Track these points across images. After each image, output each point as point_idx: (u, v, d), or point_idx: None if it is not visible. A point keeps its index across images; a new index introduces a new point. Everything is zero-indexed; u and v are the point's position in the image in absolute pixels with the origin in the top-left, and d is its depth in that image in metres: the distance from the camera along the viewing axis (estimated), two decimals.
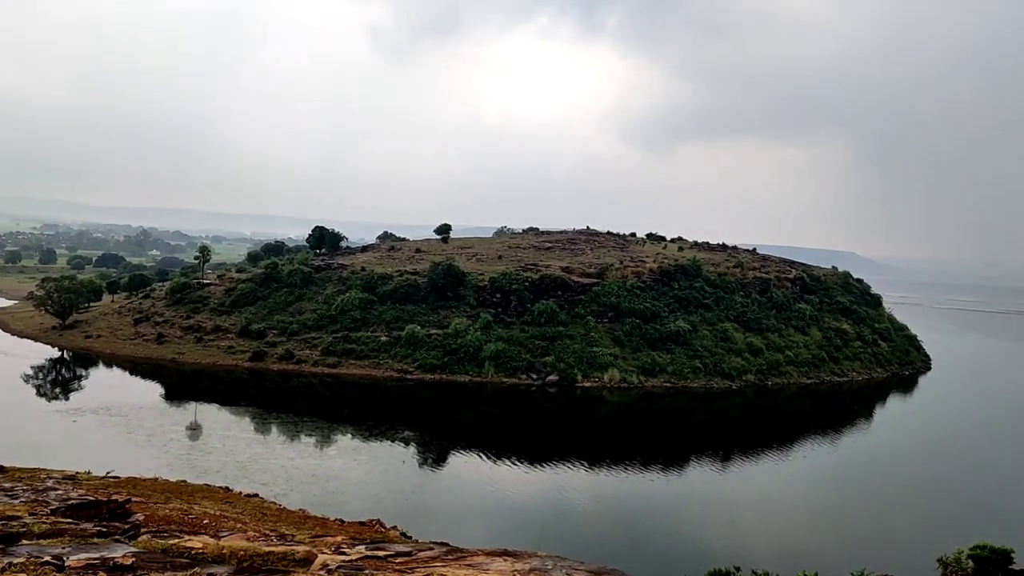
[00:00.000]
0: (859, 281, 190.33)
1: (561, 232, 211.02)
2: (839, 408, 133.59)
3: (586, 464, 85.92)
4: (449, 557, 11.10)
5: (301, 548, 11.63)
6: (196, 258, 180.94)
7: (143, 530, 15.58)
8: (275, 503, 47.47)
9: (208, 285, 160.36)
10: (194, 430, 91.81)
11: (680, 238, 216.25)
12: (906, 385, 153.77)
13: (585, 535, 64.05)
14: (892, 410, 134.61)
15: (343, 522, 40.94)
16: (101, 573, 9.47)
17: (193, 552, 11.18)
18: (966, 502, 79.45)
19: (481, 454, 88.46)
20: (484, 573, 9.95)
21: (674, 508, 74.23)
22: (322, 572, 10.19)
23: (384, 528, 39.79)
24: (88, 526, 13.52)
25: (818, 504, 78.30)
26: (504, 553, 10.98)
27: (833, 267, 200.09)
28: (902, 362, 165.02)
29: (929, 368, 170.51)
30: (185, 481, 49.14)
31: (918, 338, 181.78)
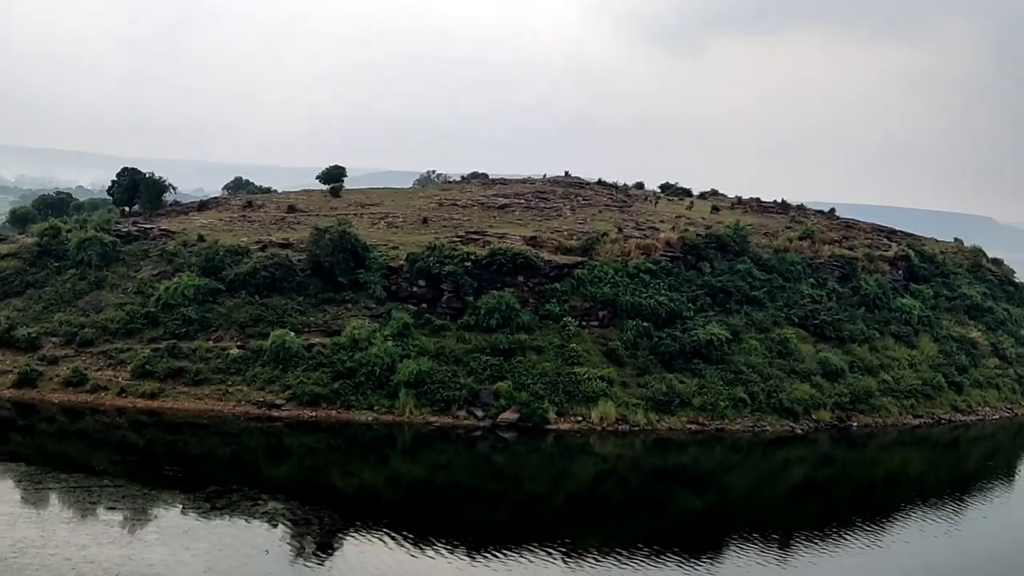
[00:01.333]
0: (997, 263, 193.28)
1: (525, 181, 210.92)
2: (964, 463, 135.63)
3: (563, 556, 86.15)
4: None
5: None
6: None
7: None
8: None
9: None
10: None
11: (715, 192, 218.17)
12: None
13: None
14: None
15: None
16: None
17: None
18: None
19: (395, 539, 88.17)
20: None
21: None
22: None
23: None
24: None
25: None
26: None
27: (957, 240, 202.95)
28: None
29: None
30: None
31: None
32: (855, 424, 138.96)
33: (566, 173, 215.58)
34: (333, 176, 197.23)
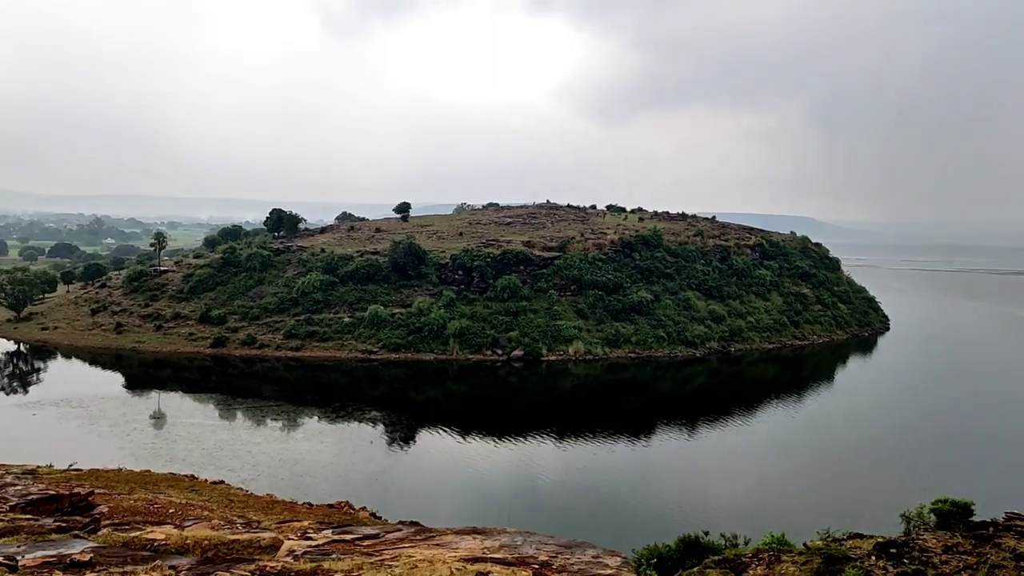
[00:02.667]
0: (817, 245, 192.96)
1: (521, 207, 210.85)
2: (801, 371, 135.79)
3: (554, 437, 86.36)
4: (417, 537, 10.98)
5: (267, 535, 11.43)
6: (152, 245, 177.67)
7: (105, 523, 15.25)
8: (242, 489, 47.06)
9: (165, 272, 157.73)
10: (157, 419, 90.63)
11: (640, 209, 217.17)
12: (866, 346, 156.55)
13: (554, 507, 64.48)
14: (852, 371, 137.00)
15: (311, 505, 40.70)
16: (57, 572, 9.19)
17: (155, 544, 10.92)
18: (927, 458, 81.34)
19: (449, 431, 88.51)
20: (453, 551, 9.85)
21: (642, 477, 74.93)
22: (288, 558, 10.02)
23: (353, 510, 39.62)
24: (48, 521, 13.18)
25: (783, 467, 79.57)
26: (473, 531, 10.89)
27: (792, 232, 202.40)
28: (861, 324, 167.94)
29: (888, 329, 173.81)
30: (149, 471, 48.46)
31: (876, 300, 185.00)
32: (733, 349, 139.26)
33: (547, 201, 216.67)
34: (403, 208, 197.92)
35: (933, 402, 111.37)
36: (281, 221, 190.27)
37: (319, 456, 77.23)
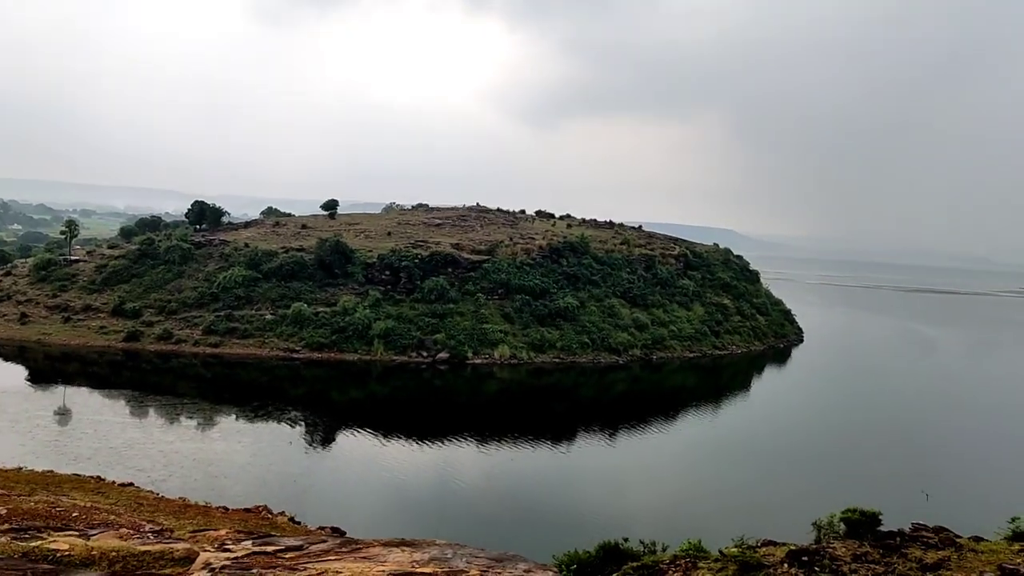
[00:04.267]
0: (739, 257, 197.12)
1: (451, 209, 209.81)
2: (719, 380, 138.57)
3: (477, 442, 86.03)
4: (343, 550, 10.52)
5: (180, 546, 10.79)
6: (62, 233, 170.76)
7: (3, 527, 14.35)
8: (152, 492, 45.45)
9: (77, 262, 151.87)
10: (63, 415, 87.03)
11: (568, 215, 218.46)
12: (781, 357, 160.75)
13: (477, 514, 64.15)
14: (768, 381, 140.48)
15: (227, 509, 39.50)
16: None
17: (58, 555, 10.20)
18: (838, 467, 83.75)
19: (370, 433, 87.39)
20: (381, 566, 9.43)
21: (564, 483, 75.21)
22: (204, 572, 9.46)
23: (272, 514, 38.59)
24: None
25: (701, 474, 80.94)
26: (401, 543, 10.49)
27: (715, 244, 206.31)
28: (777, 335, 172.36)
29: (802, 340, 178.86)
30: (52, 471, 46.44)
31: (792, 312, 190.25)
32: (655, 357, 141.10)
33: (477, 204, 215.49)
34: (330, 205, 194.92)
35: (843, 412, 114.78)
36: (203, 214, 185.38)
37: (235, 456, 75.23)
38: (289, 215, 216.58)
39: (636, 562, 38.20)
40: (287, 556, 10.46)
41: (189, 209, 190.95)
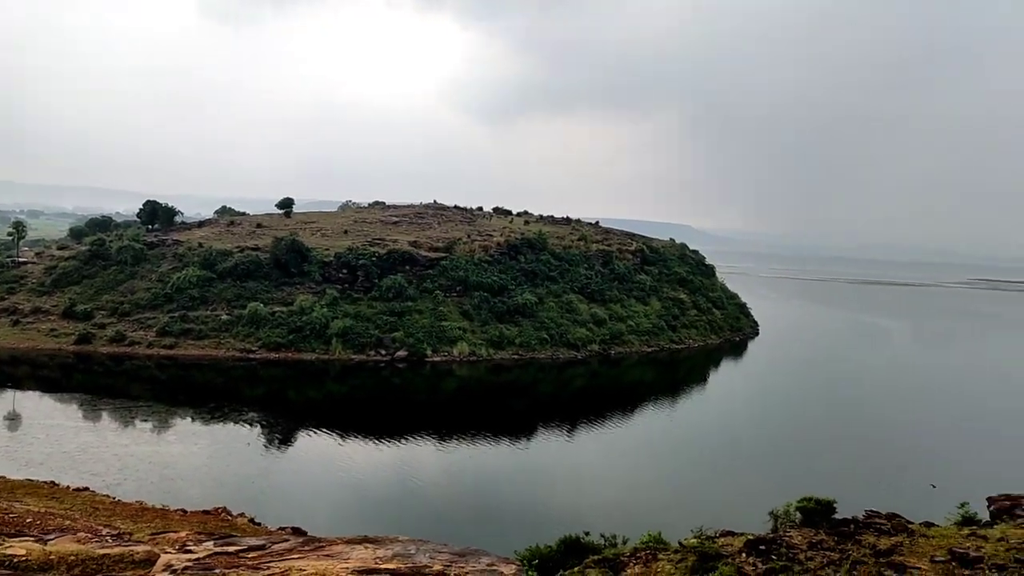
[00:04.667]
0: (695, 252, 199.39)
1: (408, 206, 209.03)
2: (677, 374, 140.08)
3: (437, 440, 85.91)
4: (306, 548, 10.52)
5: (140, 548, 10.71)
6: (9, 234, 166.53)
7: None
8: (108, 496, 44.68)
9: (25, 263, 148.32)
10: (12, 420, 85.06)
11: (526, 212, 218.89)
12: (737, 350, 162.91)
13: (439, 511, 64.10)
14: (725, 374, 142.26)
15: (185, 512, 39.01)
16: None
17: (15, 560, 10.07)
18: (794, 457, 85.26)
19: (329, 433, 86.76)
20: (344, 563, 9.48)
21: (524, 479, 75.45)
22: (165, 574, 9.41)
23: (231, 516, 38.21)
24: None
25: (660, 467, 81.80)
26: (364, 540, 10.52)
27: (671, 239, 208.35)
28: (733, 328, 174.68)
29: (757, 333, 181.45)
30: (4, 477, 45.39)
31: (747, 306, 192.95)
32: (613, 352, 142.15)
33: (434, 201, 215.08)
34: (286, 204, 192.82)
35: (799, 404, 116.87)
36: (156, 213, 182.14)
37: (192, 459, 74.22)
38: (244, 214, 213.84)
39: (597, 555, 38.63)
40: (250, 556, 10.44)
41: (141, 209, 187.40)
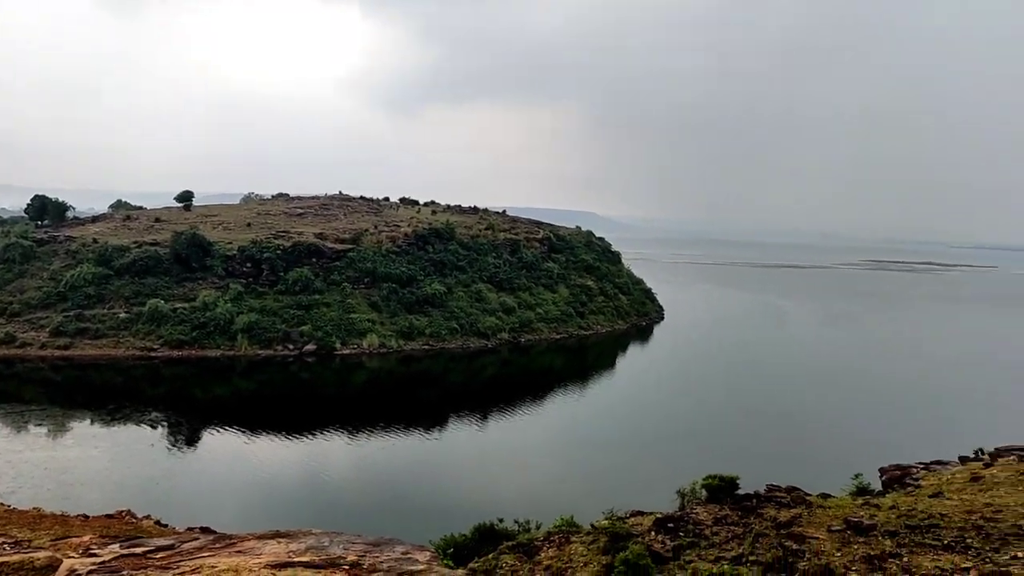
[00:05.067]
0: (601, 239, 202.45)
1: (313, 198, 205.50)
2: (586, 360, 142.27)
3: (348, 433, 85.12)
4: (217, 545, 10.36)
5: (42, 554, 10.33)
6: None
7: None
8: (1, 504, 42.65)
9: None
10: None
11: (433, 202, 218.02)
12: (644, 335, 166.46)
13: (352, 505, 63.61)
14: (632, 359, 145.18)
15: (87, 517, 37.59)
16: None
17: None
18: (702, 438, 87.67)
19: (238, 431, 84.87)
20: (257, 558, 9.38)
21: (437, 469, 75.53)
22: None
23: (136, 519, 37.03)
24: None
25: (572, 452, 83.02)
26: (276, 535, 10.43)
27: (577, 226, 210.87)
28: (640, 313, 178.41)
29: (663, 318, 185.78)
30: None
31: (653, 291, 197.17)
32: (523, 340, 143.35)
33: (340, 192, 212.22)
34: (185, 197, 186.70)
35: (703, 385, 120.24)
36: (45, 209, 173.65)
37: (92, 463, 71.44)
38: (141, 208, 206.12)
39: (511, 541, 39.11)
40: (158, 556, 10.23)
41: (29, 204, 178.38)
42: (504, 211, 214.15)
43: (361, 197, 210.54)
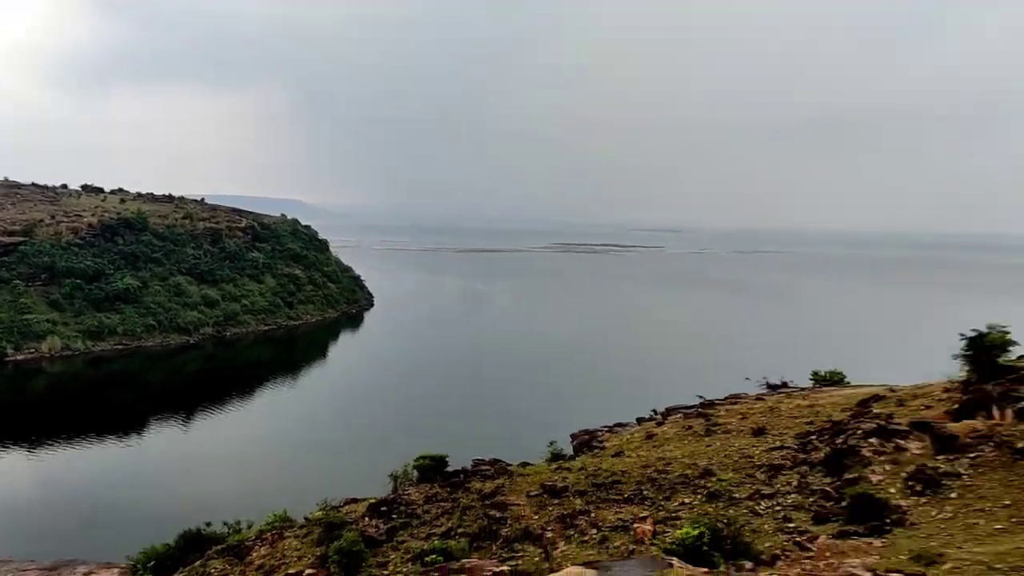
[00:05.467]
0: (307, 227, 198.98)
1: None
2: (296, 351, 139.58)
3: (27, 447, 76.40)
4: None
5: None
6: None
7: None
8: None
9: None
10: None
11: (122, 189, 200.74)
12: (354, 322, 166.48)
13: (33, 527, 57.10)
14: (344, 347, 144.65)
15: None
16: None
17: None
18: (414, 420, 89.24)
19: None
20: None
21: (137, 477, 70.15)
22: None
23: None
24: None
25: (282, 446, 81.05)
26: None
27: (282, 215, 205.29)
28: (350, 301, 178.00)
29: (373, 305, 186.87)
30: None
31: (361, 278, 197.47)
32: (228, 334, 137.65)
33: (5, 179, 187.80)
34: None
35: (414, 370, 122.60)
36: None
37: None
38: None
39: (220, 545, 37.52)
40: None
41: None
42: (203, 199, 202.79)
43: (33, 184, 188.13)
